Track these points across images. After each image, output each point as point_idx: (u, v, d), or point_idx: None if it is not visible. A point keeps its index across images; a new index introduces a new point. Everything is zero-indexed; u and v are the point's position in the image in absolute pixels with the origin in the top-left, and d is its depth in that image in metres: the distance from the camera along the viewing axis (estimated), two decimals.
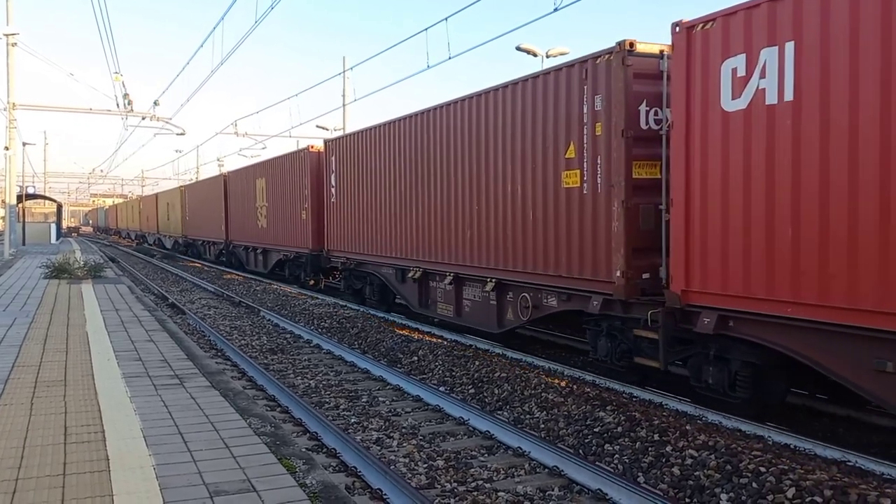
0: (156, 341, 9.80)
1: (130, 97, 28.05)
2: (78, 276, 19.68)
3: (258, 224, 25.70)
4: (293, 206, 21.84)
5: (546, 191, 10.41)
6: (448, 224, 13.12)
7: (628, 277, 8.81)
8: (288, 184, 22.38)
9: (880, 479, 5.88)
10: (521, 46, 24.01)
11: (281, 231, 23.18)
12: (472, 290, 12.74)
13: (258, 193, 25.68)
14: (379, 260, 16.15)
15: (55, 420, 5.83)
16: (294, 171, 21.82)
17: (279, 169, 23.35)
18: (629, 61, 8.79)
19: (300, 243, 21.38)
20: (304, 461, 5.01)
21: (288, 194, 22.35)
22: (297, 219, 21.57)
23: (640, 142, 8.87)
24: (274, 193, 23.80)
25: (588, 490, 6.09)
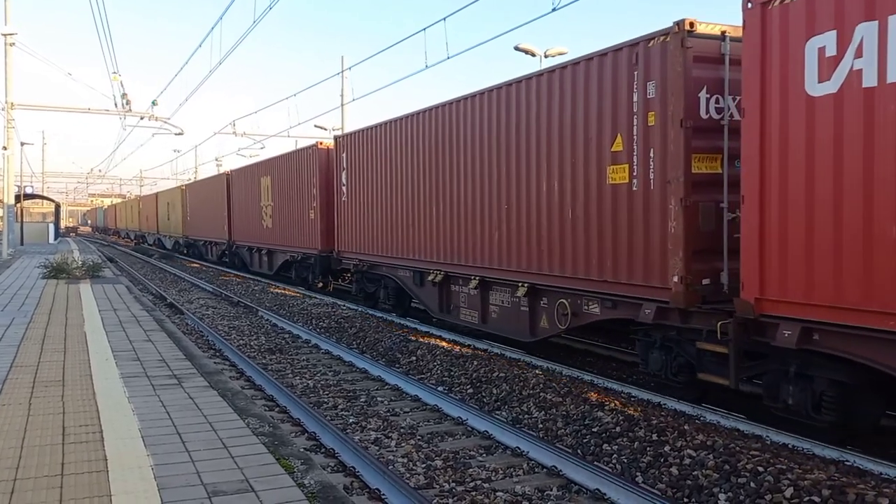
0: (154, 341, 9.79)
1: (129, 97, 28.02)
2: (76, 276, 19.66)
3: (263, 224, 24.94)
4: (301, 205, 21.03)
5: (588, 188, 9.56)
6: (473, 224, 12.33)
7: (687, 283, 7.98)
8: (295, 182, 21.59)
9: (878, 478, 5.88)
10: (520, 46, 24.00)
11: (287, 231, 22.34)
12: (500, 295, 11.89)
13: (263, 192, 24.92)
14: (395, 262, 15.31)
15: (53, 420, 5.82)
16: (302, 169, 21.04)
17: (286, 167, 22.54)
18: (689, 43, 7.92)
19: (308, 244, 20.60)
20: (302, 461, 5.01)
21: (295, 193, 21.56)
22: (304, 219, 20.73)
23: (699, 133, 8.06)
24: (280, 192, 23.01)
25: (586, 490, 6.09)
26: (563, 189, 10.10)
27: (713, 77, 8.13)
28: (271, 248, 24.54)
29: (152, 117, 29.70)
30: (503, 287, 11.74)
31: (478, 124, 12.14)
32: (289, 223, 22.18)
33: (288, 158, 22.51)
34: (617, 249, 9.10)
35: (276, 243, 23.82)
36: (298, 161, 21.35)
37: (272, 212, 23.86)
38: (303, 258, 21.46)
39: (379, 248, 15.91)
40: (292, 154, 22.28)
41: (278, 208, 23.19)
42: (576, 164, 9.83)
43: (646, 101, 8.63)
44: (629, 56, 8.85)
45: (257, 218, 25.58)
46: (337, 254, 18.48)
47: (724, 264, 7.89)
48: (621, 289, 9.07)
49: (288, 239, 22.41)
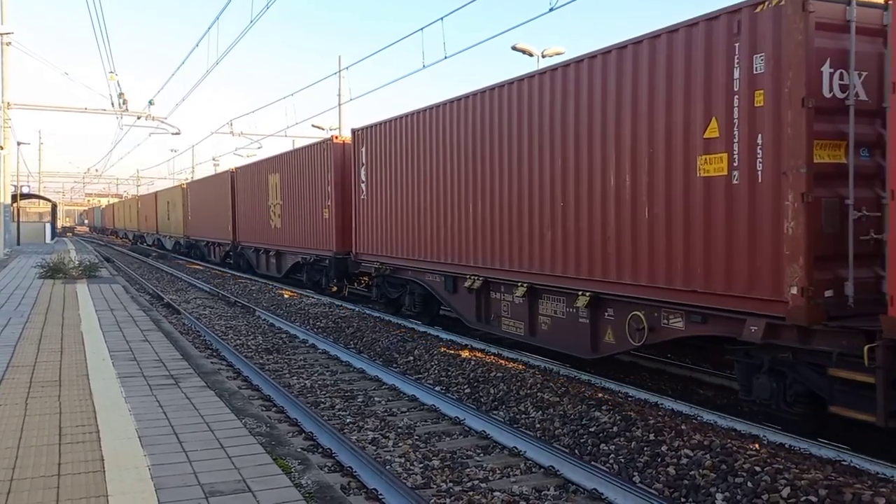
0: (151, 341, 9.78)
1: (125, 96, 27.98)
2: (73, 276, 19.64)
3: (271, 224, 23.62)
4: (313, 204, 19.81)
5: (671, 181, 8.25)
6: (520, 223, 10.89)
7: (809, 296, 6.69)
8: (307, 180, 20.33)
9: (875, 478, 5.90)
10: (517, 46, 24.01)
11: (298, 232, 21.10)
12: (552, 304, 10.41)
13: (271, 191, 23.58)
14: (422, 266, 13.93)
15: (50, 420, 5.81)
16: (314, 166, 19.77)
17: (297, 164, 21.30)
18: (811, 6, 6.72)
19: (322, 245, 19.31)
20: (299, 461, 5.01)
21: (307, 191, 20.33)
22: (318, 218, 19.48)
23: (822, 115, 6.82)
24: (290, 190, 21.77)
25: (584, 490, 6.10)
26: (636, 183, 8.77)
27: (837, 48, 6.88)
28: (280, 249, 23.29)
29: (149, 117, 29.66)
30: (556, 296, 10.35)
31: (526, 112, 10.78)
32: (300, 223, 20.99)
33: (299, 154, 21.28)
34: (710, 254, 7.78)
35: (285, 244, 22.63)
36: (311, 157, 20.14)
37: (281, 211, 22.62)
38: (316, 260, 20.18)
39: (404, 251, 14.58)
40: (304, 150, 20.99)
41: (288, 207, 21.98)
42: (655, 154, 8.51)
43: (751, 77, 7.31)
44: (728, 25, 7.54)
45: (265, 218, 24.34)
46: (354, 256, 17.06)
47: (850, 273, 6.66)
48: (715, 301, 7.73)
49: (299, 240, 21.19)
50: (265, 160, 25.16)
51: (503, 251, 11.41)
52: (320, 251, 19.61)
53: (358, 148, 16.67)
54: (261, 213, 24.84)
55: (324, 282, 19.98)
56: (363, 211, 16.49)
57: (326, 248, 19.02)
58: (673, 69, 8.25)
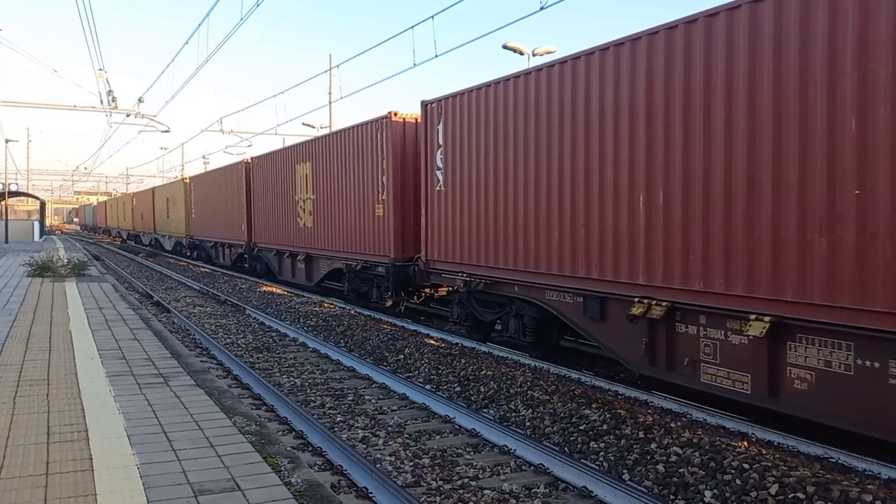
0: (140, 340, 9.74)
1: (115, 94, 27.80)
2: (61, 275, 19.55)
3: (299, 223, 20.14)
4: (361, 198, 16.18)
5: None
6: (759, 217, 7.07)
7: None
8: (351, 169, 16.67)
9: (862, 475, 5.93)
10: (508, 45, 24.07)
11: (338, 233, 17.48)
12: (823, 351, 6.58)
13: (299, 183, 20.12)
14: (541, 280, 10.27)
15: (38, 419, 5.78)
16: (362, 151, 16.10)
17: (336, 149, 17.61)
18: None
19: (373, 250, 15.61)
20: (289, 460, 5.00)
21: (351, 183, 16.67)
22: (367, 216, 15.89)
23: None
24: (326, 183, 18.20)
25: (573, 487, 6.11)
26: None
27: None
28: (312, 253, 19.54)
29: (139, 114, 29.49)
30: (822, 337, 6.59)
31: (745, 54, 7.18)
32: (341, 222, 17.34)
33: (340, 138, 17.45)
34: None
35: (319, 247, 18.92)
36: (357, 140, 16.34)
37: (313, 208, 19.10)
38: (364, 268, 16.25)
39: (508, 259, 10.98)
40: (347, 132, 17.00)
41: (324, 203, 18.44)
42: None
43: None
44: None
45: (290, 215, 20.86)
46: (425, 264, 13.42)
47: None
48: None
49: (338, 242, 17.52)
50: (291, 147, 21.33)
51: (714, 263, 7.56)
52: (371, 257, 15.83)
53: (431, 125, 13.01)
54: (285, 209, 21.40)
55: (374, 294, 16.16)
56: (440, 207, 12.85)
57: (379, 254, 15.35)
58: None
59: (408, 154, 14.70)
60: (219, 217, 28.87)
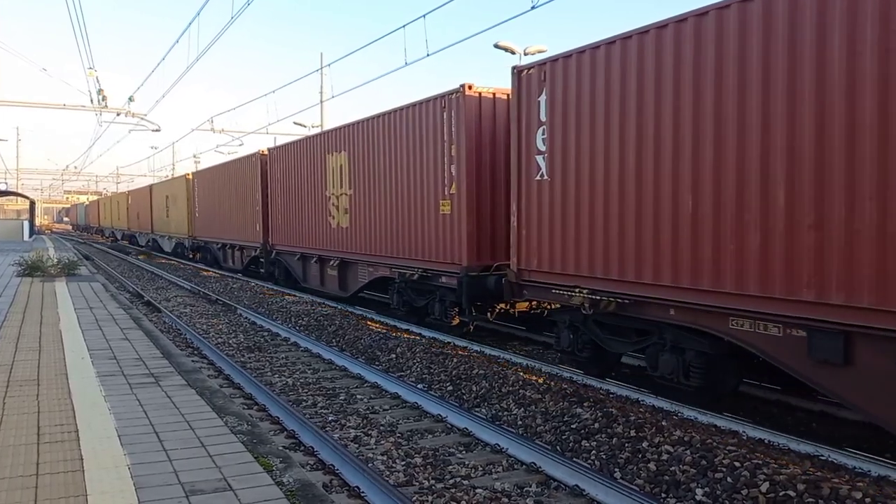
0: (131, 340, 9.71)
1: (105, 93, 27.66)
2: (51, 274, 19.45)
3: (331, 222, 17.52)
4: (419, 193, 13.44)
5: None
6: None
7: None
8: (405, 157, 13.91)
9: (852, 472, 5.97)
10: (499, 44, 24.08)
11: (386, 234, 14.75)
12: None
13: (331, 176, 17.50)
14: (724, 303, 7.53)
15: (28, 420, 5.75)
16: (421, 136, 13.30)
17: (380, 135, 14.91)
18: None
19: (438, 255, 12.89)
20: (281, 459, 4.99)
21: (405, 175, 13.95)
22: (428, 215, 13.18)
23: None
24: (368, 175, 15.44)
25: (565, 486, 6.12)
26: None
27: None
28: (347, 258, 16.76)
29: (129, 113, 29.36)
30: None
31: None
32: (389, 222, 14.65)
33: (388, 122, 14.64)
34: None
35: (357, 252, 16.15)
36: (413, 123, 13.59)
37: (350, 204, 16.38)
38: (424, 278, 13.49)
39: (660, 270, 8.20)
40: (399, 114, 14.15)
41: (364, 199, 15.71)
42: None
43: None
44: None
45: (319, 214, 18.31)
46: (516, 275, 10.57)
47: None
48: None
49: (386, 245, 14.82)
50: (321, 135, 18.69)
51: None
52: (433, 264, 13.10)
53: (528, 98, 10.24)
54: (312, 207, 18.82)
55: (436, 309, 13.42)
56: (542, 202, 10.04)
57: (445, 261, 12.67)
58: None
59: (484, 137, 12.14)
60: (228, 216, 26.44)
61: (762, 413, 8.23)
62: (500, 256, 11.80)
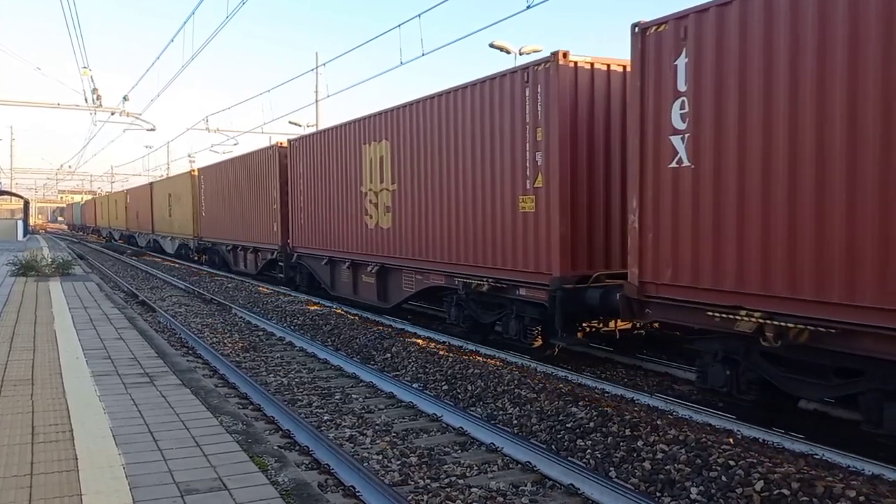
0: (125, 339, 9.69)
1: (99, 92, 27.60)
2: (46, 274, 19.41)
3: (367, 222, 15.18)
4: (490, 187, 11.17)
5: None
6: None
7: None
8: (470, 143, 11.61)
9: (846, 471, 5.99)
10: (495, 44, 24.08)
11: (442, 237, 12.49)
12: None
13: (368, 169, 15.09)
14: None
15: (22, 420, 5.74)
16: (494, 118, 10.98)
17: (438, 118, 12.47)
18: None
19: (516, 262, 10.59)
20: (276, 459, 4.99)
21: (470, 165, 11.64)
22: (502, 213, 10.88)
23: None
24: (419, 166, 13.14)
25: (560, 485, 6.13)
26: None
27: None
28: (389, 263, 14.41)
29: (123, 113, 29.30)
30: None
31: None
32: (447, 222, 12.35)
33: (444, 104, 12.31)
34: None
35: (402, 256, 13.86)
36: (479, 102, 11.37)
37: (393, 201, 14.14)
38: (495, 289, 11.09)
39: (873, 289, 6.13)
40: (460, 93, 11.88)
41: (412, 195, 13.46)
42: None
43: None
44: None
45: (353, 212, 15.93)
46: (638, 290, 8.32)
47: None
48: None
49: (441, 250, 12.52)
50: (355, 123, 15.89)
51: None
52: (510, 273, 10.77)
53: (657, 63, 8.01)
54: (344, 205, 16.45)
55: (511, 328, 11.00)
56: (679, 195, 7.83)
57: (526, 269, 10.39)
58: None
59: (580, 118, 9.87)
60: (239, 215, 24.11)
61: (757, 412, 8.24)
62: (599, 264, 10.03)
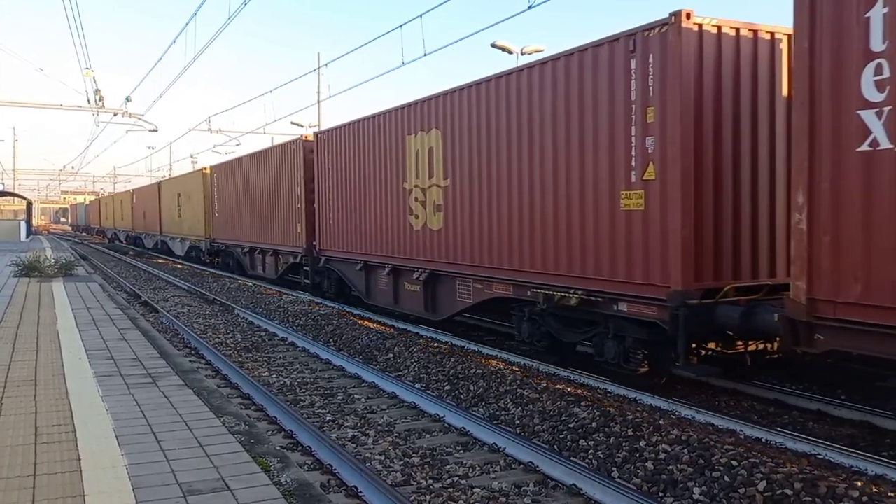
0: (128, 340, 9.70)
1: (102, 93, 27.62)
2: (49, 275, 19.43)
3: (412, 223, 13.54)
4: (578, 180, 9.49)
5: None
6: None
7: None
8: (542, 131, 10.07)
9: (849, 471, 5.98)
10: (497, 44, 24.12)
11: (508, 240, 10.89)
12: None
13: (414, 163, 13.41)
14: None
15: (25, 420, 5.75)
16: (578, 96, 9.43)
17: (506, 101, 10.85)
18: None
19: (612, 271, 9.01)
20: (278, 459, 5.00)
21: (547, 155, 10.02)
22: (595, 212, 9.26)
23: None
24: (480, 158, 11.49)
25: (563, 485, 6.13)
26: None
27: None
28: (441, 269, 12.75)
29: (126, 114, 29.31)
30: None
31: None
32: (517, 223, 10.69)
33: (516, 82, 10.62)
34: None
35: (458, 262, 12.19)
36: (563, 79, 9.70)
37: (446, 199, 12.47)
38: (586, 302, 9.38)
39: None
40: (537, 69, 10.21)
41: (471, 191, 11.81)
42: None
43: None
44: None
45: (394, 211, 14.22)
46: (807, 310, 6.53)
47: None
48: None
49: (509, 255, 10.87)
50: (396, 111, 14.10)
51: None
52: (606, 284, 9.12)
53: (835, 17, 6.35)
54: (382, 203, 14.73)
55: (609, 350, 9.23)
56: (875, 185, 6.09)
57: (632, 280, 8.76)
58: None
59: (707, 94, 8.27)
60: (257, 215, 22.65)
61: (759, 412, 8.25)
62: (726, 274, 8.38)
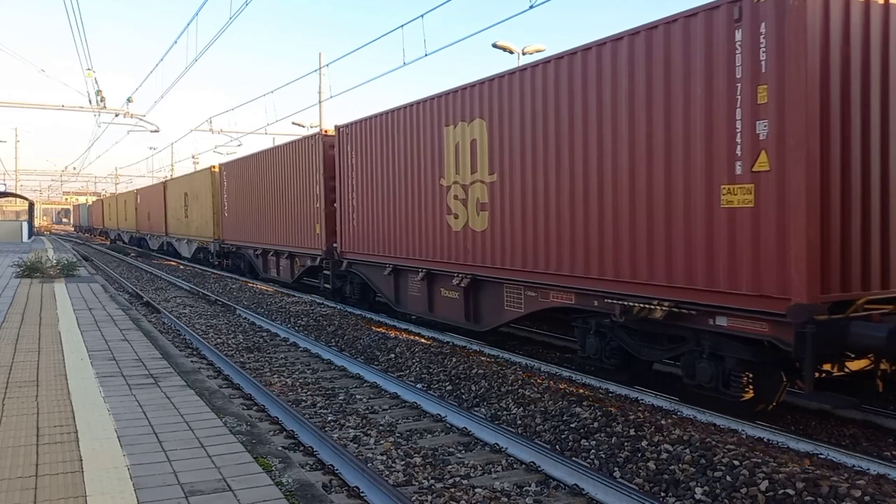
0: (130, 340, 9.70)
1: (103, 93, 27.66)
2: (50, 275, 19.45)
3: (450, 224, 12.34)
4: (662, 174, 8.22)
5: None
6: None
7: None
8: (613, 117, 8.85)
9: (851, 471, 5.97)
10: (498, 44, 24.11)
11: (570, 242, 9.66)
12: None
13: (453, 158, 12.20)
14: None
15: (27, 421, 5.75)
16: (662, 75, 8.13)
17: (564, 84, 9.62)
18: None
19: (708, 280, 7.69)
20: (280, 460, 5.00)
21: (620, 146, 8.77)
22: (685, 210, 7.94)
23: None
24: (533, 150, 10.26)
25: (565, 485, 6.13)
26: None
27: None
28: (485, 275, 11.55)
29: (127, 114, 29.35)
30: None
31: None
32: (580, 223, 9.47)
33: (577, 64, 9.40)
34: None
35: (506, 266, 11.00)
36: (643, 54, 8.36)
37: (491, 197, 11.24)
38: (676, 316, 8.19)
39: None
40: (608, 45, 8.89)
41: (522, 188, 10.59)
42: None
43: None
44: None
45: (429, 211, 13.02)
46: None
47: None
48: None
49: (566, 259, 9.73)
50: (432, 100, 12.83)
51: None
52: (700, 295, 7.82)
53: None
54: (416, 202, 13.49)
55: (704, 373, 7.99)
56: None
57: (735, 290, 7.40)
58: None
59: (833, 71, 6.83)
60: (271, 215, 21.60)
61: (760, 412, 8.23)
62: (855, 284, 7.04)
